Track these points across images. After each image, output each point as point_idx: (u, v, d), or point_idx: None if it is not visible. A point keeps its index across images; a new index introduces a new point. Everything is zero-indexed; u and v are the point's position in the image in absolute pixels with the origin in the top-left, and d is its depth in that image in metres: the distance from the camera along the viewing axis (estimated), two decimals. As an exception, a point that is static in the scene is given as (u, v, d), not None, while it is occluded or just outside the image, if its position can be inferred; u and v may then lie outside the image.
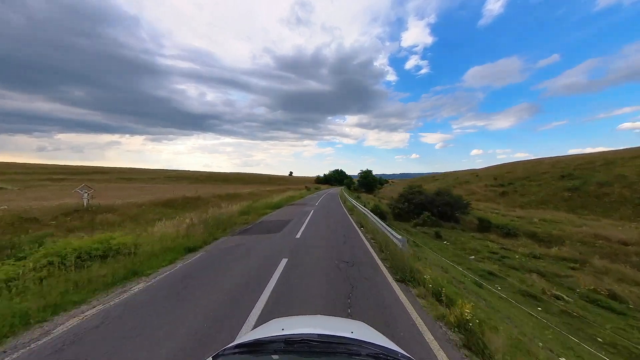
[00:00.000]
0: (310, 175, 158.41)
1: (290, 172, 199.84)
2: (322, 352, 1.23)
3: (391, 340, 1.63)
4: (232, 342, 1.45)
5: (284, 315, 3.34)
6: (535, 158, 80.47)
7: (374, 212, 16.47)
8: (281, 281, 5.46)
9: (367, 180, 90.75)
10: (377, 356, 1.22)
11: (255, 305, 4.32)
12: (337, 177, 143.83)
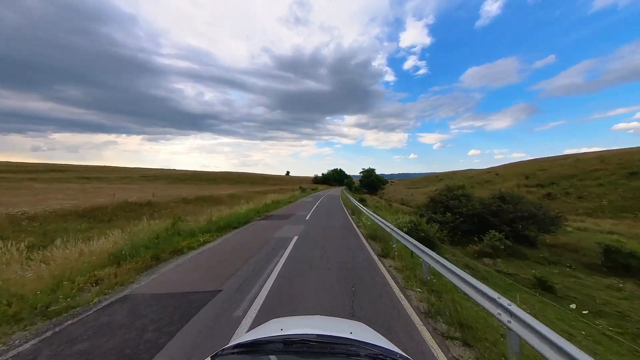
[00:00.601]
0: (308, 175, 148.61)
1: (287, 172, 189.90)
2: (321, 353, 1.21)
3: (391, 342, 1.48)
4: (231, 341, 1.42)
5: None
6: (570, 153, 71.33)
7: (417, 238, 7.30)
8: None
9: (370, 180, 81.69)
10: (376, 357, 1.19)
11: None
12: (337, 177, 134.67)
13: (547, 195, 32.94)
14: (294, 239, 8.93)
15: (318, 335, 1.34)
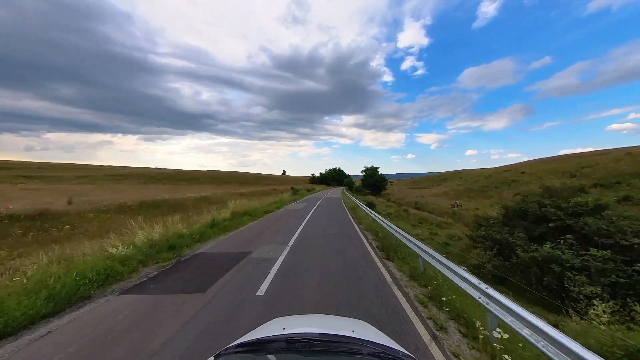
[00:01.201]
0: (306, 175, 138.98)
1: (284, 171, 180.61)
2: (324, 351, 1.20)
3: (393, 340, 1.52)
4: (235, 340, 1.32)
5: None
6: (602, 149, 62.77)
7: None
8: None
9: (374, 180, 72.83)
10: (379, 355, 1.18)
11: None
12: (336, 177, 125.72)
13: (626, 199, 24.23)
14: None
15: (320, 334, 1.34)
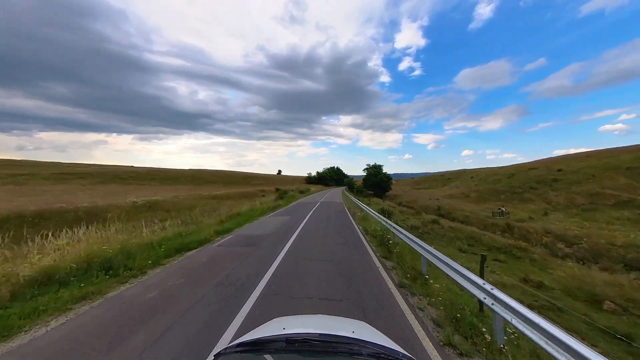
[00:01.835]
0: (303, 175, 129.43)
1: (279, 171, 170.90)
2: (323, 352, 1.20)
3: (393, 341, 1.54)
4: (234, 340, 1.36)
5: None
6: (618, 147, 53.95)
7: None
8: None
9: (377, 179, 63.56)
10: (379, 356, 1.18)
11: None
12: (334, 176, 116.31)
13: None
14: None
15: (320, 334, 1.33)
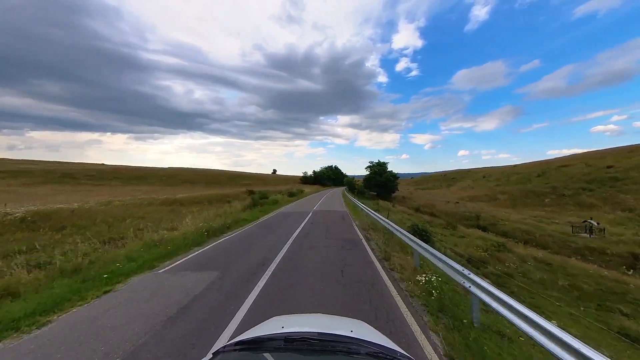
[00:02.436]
0: (300, 175, 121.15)
1: (274, 170, 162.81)
2: (322, 351, 1.20)
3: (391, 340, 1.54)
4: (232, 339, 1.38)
5: None
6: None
7: None
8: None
9: (382, 179, 56.03)
10: (377, 355, 1.18)
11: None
12: (332, 176, 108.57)
13: None
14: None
15: (319, 333, 1.35)
